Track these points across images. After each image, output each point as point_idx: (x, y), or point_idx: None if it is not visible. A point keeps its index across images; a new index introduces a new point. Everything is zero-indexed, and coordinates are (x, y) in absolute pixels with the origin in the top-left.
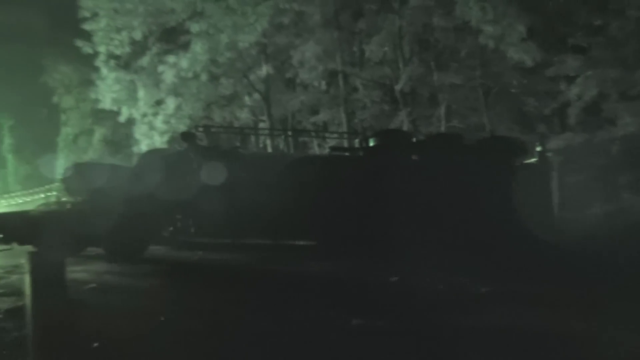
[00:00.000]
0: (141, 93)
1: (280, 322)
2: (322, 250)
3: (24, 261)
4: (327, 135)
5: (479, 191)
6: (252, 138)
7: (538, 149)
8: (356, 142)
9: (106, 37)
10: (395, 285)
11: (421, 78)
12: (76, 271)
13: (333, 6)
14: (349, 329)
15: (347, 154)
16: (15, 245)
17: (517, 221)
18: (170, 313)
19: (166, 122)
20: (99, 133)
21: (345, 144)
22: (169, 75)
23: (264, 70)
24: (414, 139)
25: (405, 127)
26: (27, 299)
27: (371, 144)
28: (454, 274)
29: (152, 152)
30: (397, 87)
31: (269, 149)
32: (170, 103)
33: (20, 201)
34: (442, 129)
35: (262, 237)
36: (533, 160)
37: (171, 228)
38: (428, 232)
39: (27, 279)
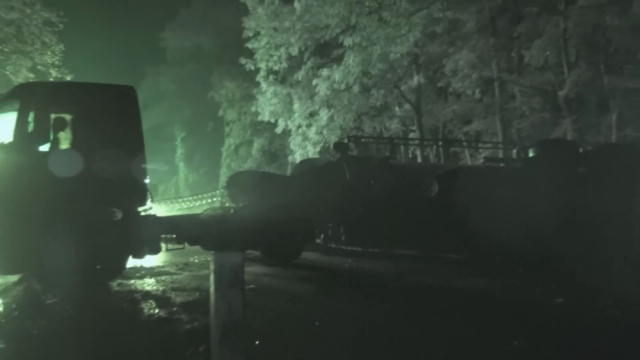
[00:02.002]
0: (296, 105)
1: (433, 336)
2: (477, 265)
3: (192, 259)
4: (480, 145)
5: None
6: (402, 148)
7: None
8: (513, 153)
9: (266, 54)
10: (561, 307)
11: (589, 83)
12: None
13: (489, 12)
14: (510, 351)
15: (502, 165)
16: (186, 245)
17: None
18: (323, 319)
19: (319, 132)
20: (257, 143)
21: (501, 154)
22: (322, 88)
23: (415, 80)
24: (581, 150)
25: (569, 137)
26: (211, 297)
27: (531, 154)
28: (632, 298)
29: (307, 162)
30: (561, 94)
31: (419, 160)
32: (323, 114)
33: (191, 205)
34: (613, 138)
35: (412, 248)
36: None
37: (323, 235)
38: (597, 250)
39: (211, 277)
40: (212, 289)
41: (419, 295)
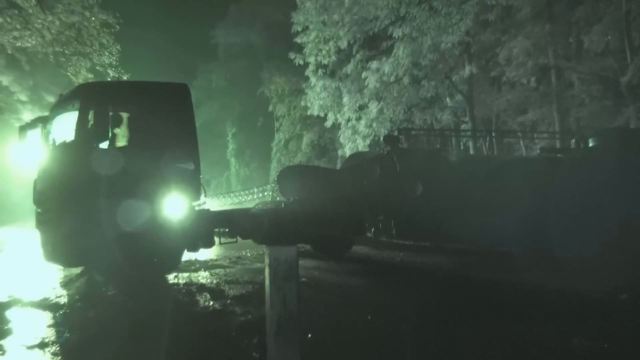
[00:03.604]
0: (345, 99)
1: (488, 333)
2: (532, 259)
3: (244, 253)
4: (536, 135)
5: None
6: (453, 140)
7: None
8: (572, 143)
9: (315, 48)
10: (626, 303)
11: None
12: None
13: None
14: (570, 349)
15: (560, 155)
16: (238, 239)
17: None
18: (375, 312)
19: (369, 126)
20: (307, 138)
21: (558, 145)
22: (372, 81)
23: (467, 70)
24: None
25: (632, 125)
26: (266, 290)
27: (591, 144)
28: None
29: (356, 155)
30: (623, 80)
31: (471, 152)
32: (373, 107)
33: (242, 199)
34: None
35: (465, 242)
36: None
37: (373, 229)
38: None
39: (266, 271)
40: (267, 282)
41: (472, 290)
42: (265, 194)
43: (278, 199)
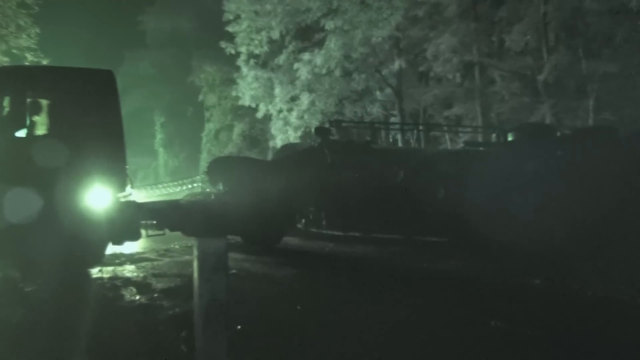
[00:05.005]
0: (277, 90)
1: (413, 317)
2: (457, 248)
3: (173, 245)
4: (460, 129)
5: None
6: (383, 133)
7: None
8: (493, 137)
9: (247, 37)
10: (538, 288)
11: (567, 67)
12: None
13: None
14: (487, 331)
15: (482, 148)
16: (166, 231)
17: None
18: (304, 303)
19: (300, 117)
20: (238, 128)
21: (480, 138)
22: (303, 72)
23: (397, 64)
24: (558, 133)
25: (547, 121)
26: (195, 282)
27: (510, 138)
28: (609, 280)
29: (288, 147)
30: (540, 78)
31: (400, 144)
32: (305, 99)
33: (171, 191)
34: (590, 122)
35: (393, 232)
36: None
37: (304, 220)
38: (577, 235)
39: (194, 263)
40: (195, 274)
41: (397, 278)
42: (195, 185)
43: (208, 190)
